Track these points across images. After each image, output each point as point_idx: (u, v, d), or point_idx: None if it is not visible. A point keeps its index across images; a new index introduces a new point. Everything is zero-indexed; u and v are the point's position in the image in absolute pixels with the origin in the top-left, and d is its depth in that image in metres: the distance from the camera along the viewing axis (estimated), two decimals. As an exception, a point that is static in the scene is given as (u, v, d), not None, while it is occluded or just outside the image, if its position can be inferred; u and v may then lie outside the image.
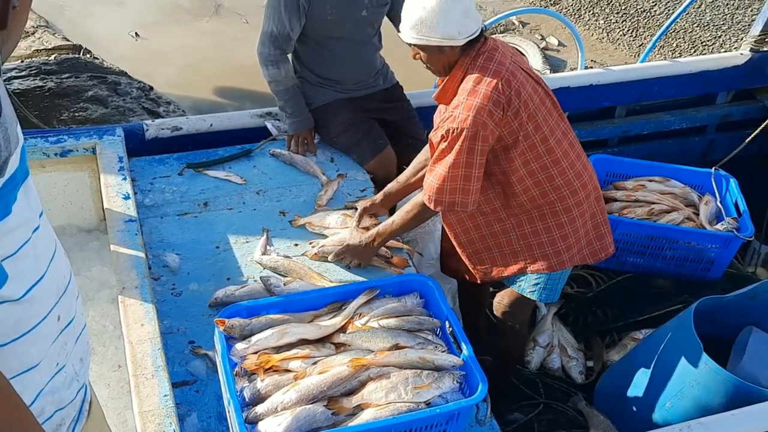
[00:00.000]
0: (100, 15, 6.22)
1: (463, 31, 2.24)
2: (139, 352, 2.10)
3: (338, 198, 2.85)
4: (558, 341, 3.20)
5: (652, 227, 3.24)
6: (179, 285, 2.46)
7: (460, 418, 1.99)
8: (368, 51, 2.97)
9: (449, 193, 2.29)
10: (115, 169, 2.66)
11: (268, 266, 2.53)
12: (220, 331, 2.05)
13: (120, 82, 5.04)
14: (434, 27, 2.21)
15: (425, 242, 2.95)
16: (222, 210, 2.74)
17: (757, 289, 2.78)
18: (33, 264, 1.09)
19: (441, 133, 2.25)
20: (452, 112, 2.24)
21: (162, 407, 1.98)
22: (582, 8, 6.66)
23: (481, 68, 2.25)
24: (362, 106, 3.02)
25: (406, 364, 2.03)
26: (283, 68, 2.89)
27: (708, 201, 3.42)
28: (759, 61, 3.91)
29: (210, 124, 3.08)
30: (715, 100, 4.04)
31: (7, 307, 1.07)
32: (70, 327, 1.22)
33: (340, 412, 1.95)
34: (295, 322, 2.09)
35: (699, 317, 2.59)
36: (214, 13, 6.45)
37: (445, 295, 2.40)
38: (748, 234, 3.21)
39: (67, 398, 1.24)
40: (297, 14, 2.79)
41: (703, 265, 3.30)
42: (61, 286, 1.19)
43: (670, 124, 3.94)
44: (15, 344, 1.09)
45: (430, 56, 2.30)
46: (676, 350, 2.58)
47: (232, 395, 1.90)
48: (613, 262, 3.32)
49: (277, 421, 1.89)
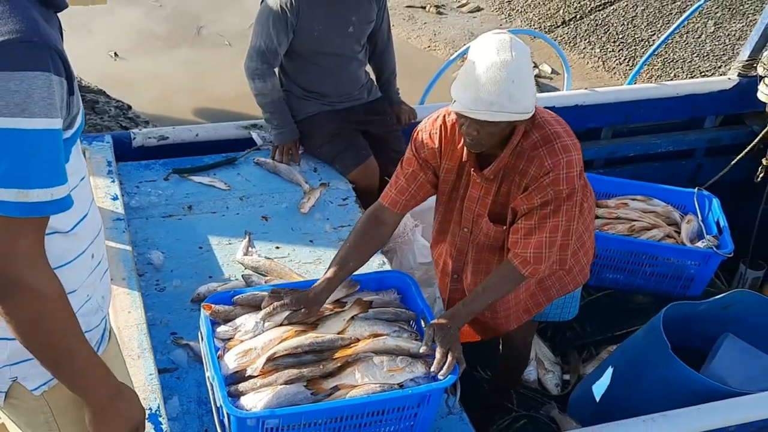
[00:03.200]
0: (79, 36, 6.68)
1: (534, 101, 2.27)
2: (126, 336, 2.46)
3: (320, 206, 3.25)
4: (535, 354, 3.57)
5: (631, 242, 3.62)
6: (163, 281, 2.83)
7: (431, 401, 2.34)
8: (354, 66, 3.42)
9: (548, 258, 2.37)
10: (104, 172, 3.06)
11: (250, 266, 2.90)
12: (206, 315, 2.42)
13: (98, 100, 5.49)
14: (517, 101, 2.18)
15: (404, 252, 3.34)
16: (206, 213, 3.13)
17: (728, 300, 3.17)
18: (79, 205, 1.49)
19: (543, 198, 2.30)
20: (554, 175, 2.28)
21: (147, 385, 2.33)
22: (578, 36, 7.18)
23: (547, 122, 2.36)
24: (346, 117, 3.45)
25: (382, 350, 2.39)
26: (270, 82, 3.31)
27: (690, 220, 3.82)
28: (747, 86, 4.33)
29: (196, 134, 3.50)
30: (703, 124, 4.47)
31: (57, 238, 1.49)
32: (99, 266, 1.64)
33: (318, 392, 2.30)
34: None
35: (673, 329, 2.95)
36: (196, 35, 6.94)
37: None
38: (727, 251, 3.59)
39: (93, 323, 1.64)
40: (285, 30, 3.22)
41: (682, 282, 3.67)
42: (96, 229, 1.61)
43: (657, 146, 4.37)
44: (60, 270, 1.48)
45: (496, 132, 2.26)
46: (645, 353, 2.95)
47: (216, 371, 2.25)
48: (593, 279, 3.67)
49: (258, 397, 2.24)
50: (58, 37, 1.43)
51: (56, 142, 1.36)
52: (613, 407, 2.98)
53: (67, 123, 1.43)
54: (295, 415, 2.19)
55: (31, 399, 1.62)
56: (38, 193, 1.34)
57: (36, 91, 1.31)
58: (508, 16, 7.34)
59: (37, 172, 1.34)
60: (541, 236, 2.36)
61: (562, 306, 2.80)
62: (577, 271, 2.70)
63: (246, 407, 2.20)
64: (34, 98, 1.30)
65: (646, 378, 2.94)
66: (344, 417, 2.25)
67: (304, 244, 3.05)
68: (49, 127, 1.33)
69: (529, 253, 2.38)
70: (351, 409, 2.23)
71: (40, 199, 1.34)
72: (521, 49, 2.22)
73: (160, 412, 2.29)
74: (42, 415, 1.64)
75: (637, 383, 2.98)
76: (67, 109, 1.41)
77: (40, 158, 1.33)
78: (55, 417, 1.65)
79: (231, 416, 2.17)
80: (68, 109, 1.41)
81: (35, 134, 1.31)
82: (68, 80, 1.39)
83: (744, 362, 3.13)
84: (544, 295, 2.71)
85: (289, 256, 3.00)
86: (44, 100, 1.31)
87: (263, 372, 2.28)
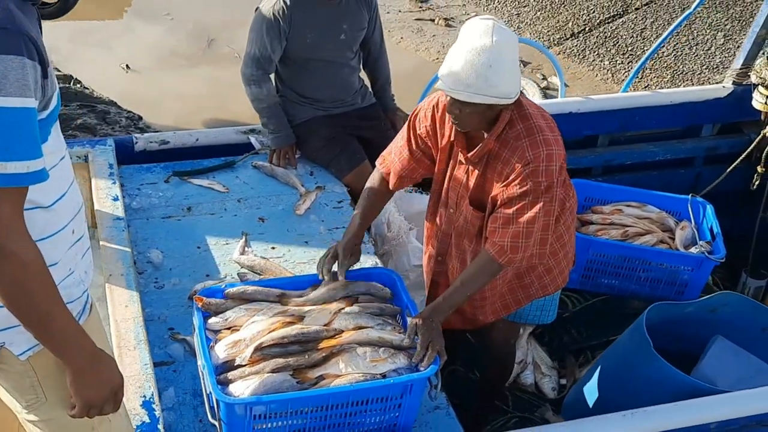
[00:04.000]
0: (93, 51, 6.92)
1: (517, 89, 2.45)
2: (123, 329, 2.63)
3: (315, 209, 3.41)
4: (532, 359, 3.68)
5: (624, 247, 3.74)
6: (161, 279, 3.00)
7: (413, 391, 2.47)
8: (346, 72, 3.60)
9: (525, 249, 2.50)
10: (106, 174, 3.25)
11: (246, 265, 3.07)
12: (198, 308, 2.58)
13: (109, 111, 5.69)
14: (494, 86, 2.35)
15: (399, 255, 3.49)
16: (204, 215, 3.31)
17: (715, 301, 3.28)
18: (59, 183, 1.67)
19: (522, 188, 2.45)
20: (534, 166, 2.43)
21: (143, 374, 2.49)
22: (587, 49, 7.32)
23: (532, 116, 2.51)
24: (341, 122, 3.63)
25: (366, 341, 2.53)
26: (265, 87, 3.50)
27: (684, 226, 3.93)
28: (742, 95, 4.44)
29: (196, 138, 3.69)
30: (701, 132, 4.59)
31: (39, 212, 1.67)
32: (79, 242, 1.82)
33: (304, 381, 2.45)
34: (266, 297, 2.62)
35: (663, 333, 3.07)
36: (206, 48, 7.16)
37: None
38: (719, 256, 3.70)
39: (75, 295, 1.82)
40: (278, 37, 3.41)
41: (677, 288, 3.78)
42: (76, 207, 1.79)
43: (654, 154, 4.48)
44: (43, 243, 1.67)
45: (476, 113, 2.43)
46: (630, 353, 3.08)
47: (206, 359, 2.40)
48: (589, 284, 3.82)
49: (246, 384, 2.39)
50: (33, 27, 1.61)
51: (31, 119, 1.54)
52: (603, 408, 3.09)
53: (43, 104, 1.61)
54: (280, 402, 2.34)
55: (17, 364, 1.79)
56: (15, 165, 1.52)
57: (11, 73, 1.49)
58: (517, 29, 7.49)
59: (14, 147, 1.52)
60: (519, 226, 2.48)
61: (541, 308, 2.92)
62: (557, 272, 2.83)
63: (234, 394, 2.35)
64: (9, 79, 1.49)
65: (632, 378, 3.05)
66: (330, 406, 2.39)
67: (298, 245, 3.22)
68: (23, 105, 1.51)
69: (507, 242, 2.51)
70: (335, 397, 2.38)
71: (17, 170, 1.52)
72: (504, 35, 2.40)
73: (153, 399, 2.45)
74: (28, 379, 1.82)
75: (624, 384, 3.10)
76: (42, 91, 1.59)
77: (16, 134, 1.51)
78: (40, 381, 1.83)
79: (220, 402, 2.32)
80: (43, 91, 1.59)
81: (11, 112, 1.49)
82: (41, 65, 1.57)
83: (733, 363, 3.23)
84: (524, 292, 2.83)
85: (284, 256, 3.16)
86: (18, 81, 1.50)
87: (251, 361, 2.43)
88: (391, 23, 7.48)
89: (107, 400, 1.82)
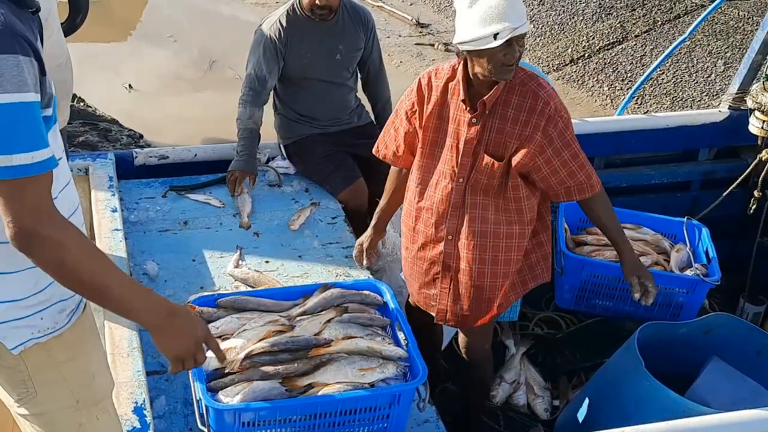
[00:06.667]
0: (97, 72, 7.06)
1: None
2: (117, 336, 2.68)
3: (310, 224, 3.48)
4: (525, 379, 3.72)
5: (619, 269, 3.78)
6: (157, 290, 2.99)
7: (401, 401, 2.52)
8: (343, 92, 3.71)
9: (592, 169, 2.86)
10: (105, 187, 3.34)
11: (239, 278, 3.13)
12: (190, 316, 2.63)
13: (111, 129, 5.81)
14: (524, 12, 2.59)
15: (393, 270, 3.55)
16: (200, 229, 3.39)
17: (710, 322, 3.32)
18: (54, 182, 1.73)
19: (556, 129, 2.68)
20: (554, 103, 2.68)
21: (135, 380, 2.55)
22: (586, 74, 7.43)
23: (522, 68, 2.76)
24: (336, 140, 3.72)
25: (355, 351, 2.59)
26: (249, 109, 3.58)
27: (679, 249, 3.98)
28: (738, 119, 4.50)
29: (194, 154, 3.78)
30: (697, 156, 4.65)
31: None
32: None
33: (293, 389, 2.50)
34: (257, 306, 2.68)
35: (658, 355, 3.09)
36: (208, 69, 7.29)
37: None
38: (714, 279, 3.74)
39: (69, 293, 1.86)
40: (275, 58, 3.52)
41: (672, 310, 3.81)
42: (72, 206, 1.86)
43: (650, 178, 4.54)
44: None
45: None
46: (622, 373, 3.10)
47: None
48: (583, 305, 3.86)
49: (235, 391, 2.44)
50: (28, 29, 1.68)
51: (32, 112, 1.62)
52: (595, 428, 3.13)
53: (45, 102, 1.69)
54: (269, 409, 2.39)
55: (10, 358, 1.85)
56: (21, 157, 1.59)
57: (6, 71, 1.57)
58: (517, 55, 7.62)
59: (17, 139, 1.60)
60: (578, 159, 2.78)
61: (510, 307, 3.07)
62: (543, 266, 3.02)
63: (223, 401, 2.40)
64: (6, 76, 1.57)
65: (624, 398, 3.07)
66: (318, 415, 2.44)
67: (292, 259, 3.29)
68: (22, 100, 1.59)
69: (583, 176, 2.81)
70: (323, 405, 2.43)
71: (22, 162, 1.59)
72: None
73: (145, 406, 2.49)
74: (19, 374, 1.87)
75: (616, 404, 3.12)
76: (41, 88, 1.67)
77: (19, 127, 1.59)
78: (31, 376, 1.88)
79: (209, 408, 2.37)
80: (42, 88, 1.67)
81: (11, 107, 1.58)
82: (38, 61, 1.65)
83: (728, 385, 3.24)
84: (530, 273, 3.00)
85: (278, 270, 3.23)
86: (15, 77, 1.58)
87: (241, 369, 2.49)
88: (392, 47, 7.62)
89: (195, 351, 1.86)
